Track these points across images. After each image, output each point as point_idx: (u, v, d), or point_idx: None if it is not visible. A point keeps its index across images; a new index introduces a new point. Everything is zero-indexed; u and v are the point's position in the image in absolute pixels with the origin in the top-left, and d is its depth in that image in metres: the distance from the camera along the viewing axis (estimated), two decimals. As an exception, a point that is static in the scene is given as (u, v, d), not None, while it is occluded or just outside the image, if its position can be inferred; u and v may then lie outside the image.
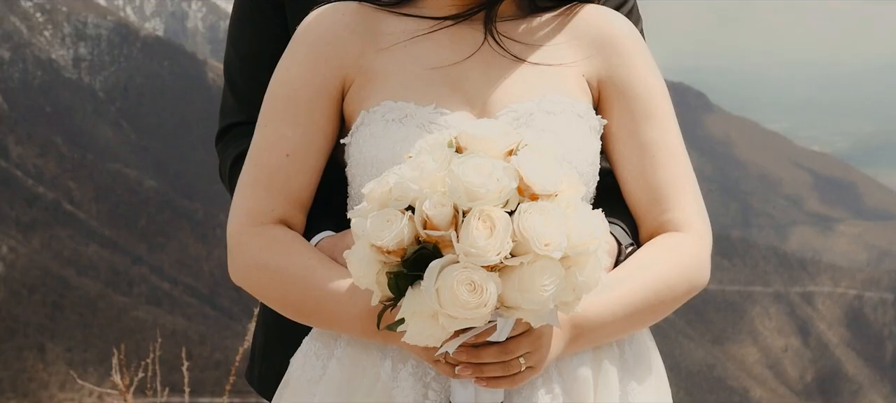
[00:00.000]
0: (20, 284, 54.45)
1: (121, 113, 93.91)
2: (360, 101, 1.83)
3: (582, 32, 1.89)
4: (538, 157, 1.59)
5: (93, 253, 61.37)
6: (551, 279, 1.55)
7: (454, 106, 1.81)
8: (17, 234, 59.32)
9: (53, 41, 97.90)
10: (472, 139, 1.61)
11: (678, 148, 1.88)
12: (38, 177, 67.23)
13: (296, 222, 1.85)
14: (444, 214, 1.55)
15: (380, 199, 1.60)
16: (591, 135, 1.84)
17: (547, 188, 1.57)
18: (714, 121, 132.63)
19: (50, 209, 63.44)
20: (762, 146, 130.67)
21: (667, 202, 1.85)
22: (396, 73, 1.83)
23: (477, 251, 1.53)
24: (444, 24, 1.86)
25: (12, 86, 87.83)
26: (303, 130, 1.83)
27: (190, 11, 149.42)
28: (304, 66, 1.85)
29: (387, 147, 1.78)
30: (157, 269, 62.95)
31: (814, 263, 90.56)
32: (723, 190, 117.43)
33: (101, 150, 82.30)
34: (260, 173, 1.83)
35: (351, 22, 1.87)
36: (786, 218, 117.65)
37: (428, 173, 1.57)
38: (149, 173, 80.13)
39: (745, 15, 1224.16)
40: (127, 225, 67.32)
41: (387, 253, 1.56)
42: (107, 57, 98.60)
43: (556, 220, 1.55)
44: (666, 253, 1.82)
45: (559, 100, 1.82)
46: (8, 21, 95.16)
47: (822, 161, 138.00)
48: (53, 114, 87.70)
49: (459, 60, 1.84)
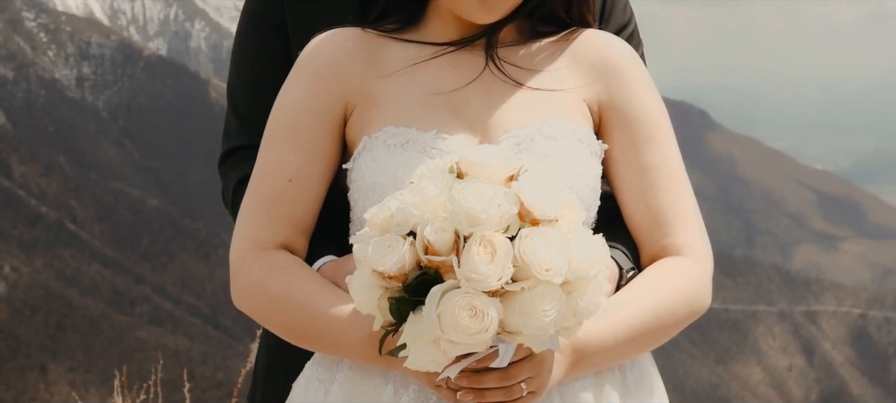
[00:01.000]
0: (22, 304, 54.44)
1: (124, 132, 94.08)
2: (362, 127, 1.84)
3: (582, 57, 1.90)
4: (539, 183, 1.60)
5: (95, 273, 61.38)
6: (552, 304, 1.55)
7: (455, 131, 1.82)
8: (20, 254, 59.35)
9: (57, 61, 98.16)
10: (473, 164, 1.61)
11: (679, 172, 1.89)
12: (40, 197, 67.30)
13: (298, 247, 1.85)
14: (445, 240, 1.55)
15: (381, 225, 1.60)
16: (591, 160, 1.85)
17: (547, 213, 1.58)
18: (716, 139, 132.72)
19: (52, 228, 63.49)
20: (765, 164, 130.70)
21: (668, 226, 1.85)
22: (398, 99, 1.84)
23: (478, 276, 1.53)
24: (445, 51, 1.87)
25: (16, 105, 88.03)
26: (305, 156, 1.84)
27: (193, 31, 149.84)
28: (306, 92, 1.86)
29: (389, 172, 1.78)
30: (159, 289, 62.94)
31: (817, 282, 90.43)
32: (726, 208, 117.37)
33: (103, 170, 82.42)
34: (262, 198, 1.84)
35: (353, 48, 1.88)
36: (789, 237, 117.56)
37: (429, 198, 1.58)
38: (152, 192, 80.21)
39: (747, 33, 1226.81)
40: (129, 244, 67.36)
41: (388, 278, 1.57)
42: (110, 76, 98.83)
43: (557, 245, 1.55)
44: (667, 277, 1.82)
45: (560, 124, 1.83)
46: (12, 41, 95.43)
47: (825, 179, 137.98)
48: (56, 133, 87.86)
49: (461, 86, 1.85)
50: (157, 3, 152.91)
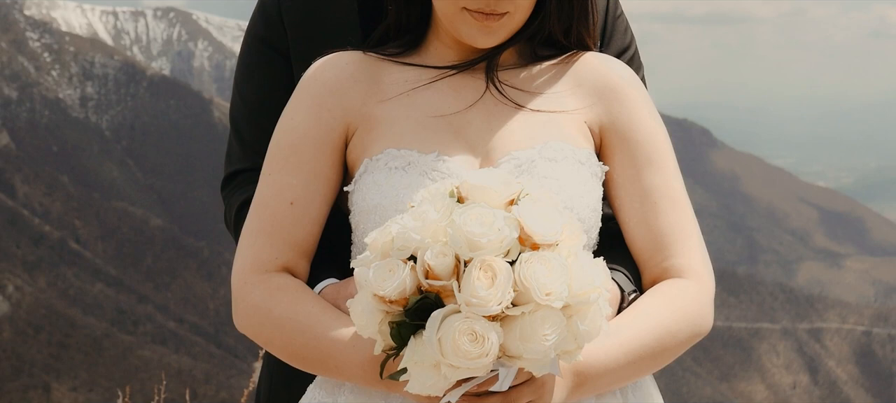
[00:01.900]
0: (26, 323, 54.41)
1: (127, 152, 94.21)
2: (363, 149, 1.85)
3: (583, 79, 1.91)
4: (539, 207, 1.60)
5: (98, 292, 61.37)
6: (553, 328, 1.55)
7: (456, 153, 1.82)
8: (23, 273, 59.35)
9: (61, 81, 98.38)
10: (473, 189, 1.62)
11: (680, 194, 1.89)
12: (44, 216, 67.35)
13: (300, 270, 1.86)
14: (445, 264, 1.55)
15: (382, 249, 1.60)
16: (592, 182, 1.85)
17: (548, 237, 1.58)
18: (719, 157, 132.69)
19: (56, 248, 63.51)
20: (767, 182, 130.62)
21: (669, 248, 1.85)
22: (399, 121, 1.85)
23: (478, 301, 1.53)
24: (446, 74, 1.88)
25: (19, 125, 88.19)
26: (307, 179, 1.85)
27: (196, 51, 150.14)
28: (307, 115, 1.87)
29: (390, 194, 1.79)
30: (162, 308, 62.90)
31: (821, 299, 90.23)
32: (728, 226, 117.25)
33: (107, 189, 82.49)
34: (264, 221, 1.85)
35: (354, 71, 1.89)
36: (792, 254, 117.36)
37: (430, 223, 1.58)
38: (155, 211, 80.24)
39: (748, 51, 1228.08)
40: (133, 263, 67.35)
41: (389, 302, 1.57)
42: (113, 96, 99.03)
43: (558, 270, 1.55)
44: (669, 299, 1.82)
45: (561, 146, 1.84)
46: (16, 61, 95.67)
47: (828, 196, 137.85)
48: (60, 153, 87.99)
49: (462, 109, 1.86)
50: (160, 23, 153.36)
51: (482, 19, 1.81)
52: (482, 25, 1.82)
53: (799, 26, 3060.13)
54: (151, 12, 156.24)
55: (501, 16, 1.81)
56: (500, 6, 1.80)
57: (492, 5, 1.80)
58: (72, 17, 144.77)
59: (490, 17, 1.81)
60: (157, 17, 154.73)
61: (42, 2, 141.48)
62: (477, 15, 1.81)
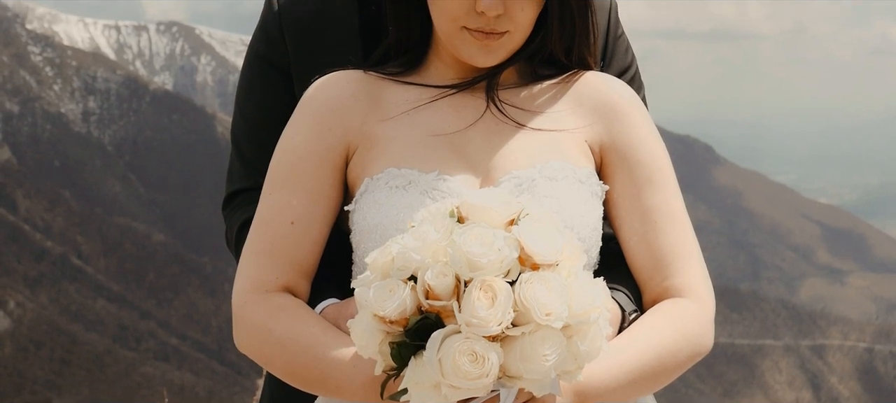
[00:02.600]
0: (27, 339, 54.40)
1: (129, 167, 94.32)
2: (363, 168, 1.85)
3: (584, 98, 1.91)
4: (539, 227, 1.60)
5: (100, 308, 61.36)
6: (553, 348, 1.55)
7: (457, 172, 1.83)
8: (25, 289, 59.36)
9: (63, 95, 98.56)
10: (473, 208, 1.62)
11: (681, 213, 1.89)
12: (46, 232, 67.38)
13: (300, 289, 1.86)
14: (445, 284, 1.55)
15: (382, 269, 1.61)
16: (593, 201, 1.85)
17: (548, 258, 1.58)
18: (721, 173, 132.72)
19: (58, 263, 63.53)
20: (770, 198, 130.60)
21: (670, 268, 1.85)
22: (399, 140, 1.85)
23: (478, 321, 1.53)
24: (446, 93, 1.89)
25: (21, 139, 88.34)
26: (307, 198, 1.85)
27: (199, 65, 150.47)
28: (308, 134, 1.87)
29: (390, 213, 1.79)
30: (164, 324, 62.88)
31: (823, 316, 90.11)
32: (731, 242, 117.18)
33: (109, 204, 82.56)
34: (265, 241, 1.85)
35: (355, 90, 1.89)
36: (795, 271, 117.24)
37: (430, 243, 1.58)
38: (157, 227, 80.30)
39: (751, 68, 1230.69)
40: (135, 279, 67.35)
41: (390, 322, 1.57)
42: (116, 111, 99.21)
43: (558, 290, 1.55)
44: (669, 319, 1.82)
45: (561, 166, 1.84)
46: (18, 75, 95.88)
47: (831, 213, 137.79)
48: (62, 167, 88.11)
49: (462, 128, 1.87)
50: (163, 38, 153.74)
51: (482, 38, 1.82)
52: (482, 45, 1.82)
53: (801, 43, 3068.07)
54: (154, 27, 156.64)
55: (501, 35, 1.82)
56: (500, 25, 1.81)
57: (491, 24, 1.80)
58: (74, 31, 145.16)
59: (490, 36, 1.82)
60: (159, 31, 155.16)
61: (44, 16, 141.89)
62: (477, 34, 1.81)
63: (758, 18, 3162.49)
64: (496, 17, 1.80)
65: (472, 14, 1.80)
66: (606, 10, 2.16)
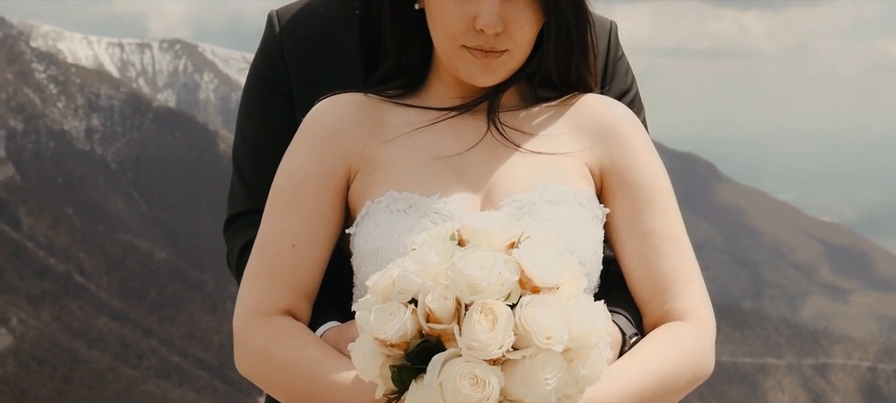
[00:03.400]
0: (29, 357, 54.36)
1: (132, 184, 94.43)
2: (364, 191, 1.85)
3: (584, 121, 1.91)
4: (540, 250, 1.60)
5: (103, 326, 61.33)
6: (554, 372, 1.55)
7: (458, 196, 1.83)
8: (27, 306, 59.35)
9: (66, 112, 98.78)
10: (473, 232, 1.62)
11: (681, 236, 1.89)
12: (49, 249, 67.41)
13: (301, 312, 1.86)
14: (446, 307, 1.55)
15: (383, 292, 1.61)
16: (593, 224, 1.85)
17: (548, 281, 1.58)
18: (723, 191, 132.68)
19: (60, 280, 63.52)
20: (772, 216, 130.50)
21: (670, 291, 1.85)
22: (400, 163, 1.85)
23: (479, 344, 1.53)
24: (447, 116, 1.89)
25: (25, 157, 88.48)
26: (308, 221, 1.85)
27: (202, 83, 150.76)
28: (309, 157, 1.88)
29: (391, 237, 1.79)
30: (166, 342, 62.82)
31: (826, 334, 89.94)
32: (733, 260, 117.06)
33: (112, 221, 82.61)
34: (266, 264, 1.85)
35: (356, 113, 1.90)
36: (797, 289, 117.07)
37: (430, 266, 1.58)
38: (160, 244, 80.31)
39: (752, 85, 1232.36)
40: (137, 296, 67.33)
41: (390, 346, 1.57)
42: (119, 128, 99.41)
43: (558, 313, 1.55)
44: (670, 342, 1.82)
45: (561, 189, 1.84)
46: (22, 93, 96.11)
47: (833, 231, 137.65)
48: (65, 185, 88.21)
49: (463, 150, 1.87)
50: (166, 55, 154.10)
51: (481, 57, 1.82)
52: (482, 63, 1.83)
53: (802, 61, 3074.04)
54: (157, 44, 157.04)
55: (501, 54, 1.83)
56: (500, 43, 1.81)
57: (491, 42, 1.81)
58: (78, 49, 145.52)
59: (489, 54, 1.82)
60: (162, 49, 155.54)
61: (49, 33, 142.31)
62: (476, 52, 1.82)
63: (759, 36, 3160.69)
64: (495, 35, 1.81)
65: (472, 32, 1.81)
66: (606, 32, 2.16)
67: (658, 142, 2.02)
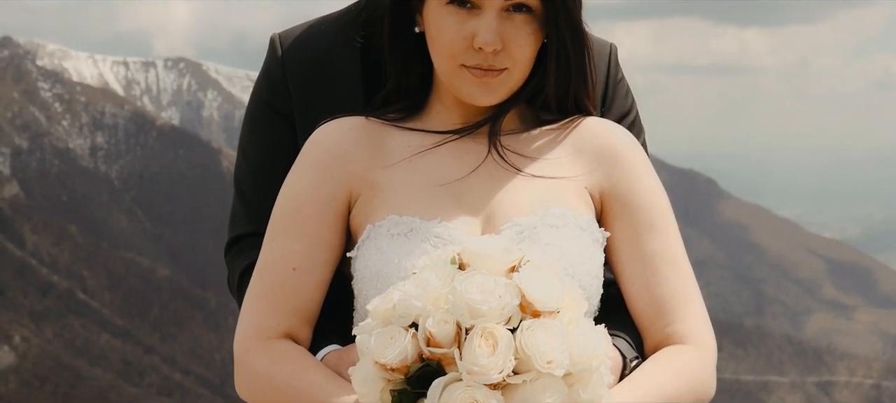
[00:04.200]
0: (31, 374, 54.27)
1: (136, 201, 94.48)
2: (366, 215, 1.86)
3: (584, 145, 1.92)
4: (540, 274, 1.60)
5: (105, 343, 61.26)
6: (554, 396, 1.55)
7: (459, 220, 1.83)
8: (30, 324, 59.31)
9: (71, 130, 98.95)
10: (474, 256, 1.62)
11: (681, 259, 1.89)
12: (52, 266, 67.41)
13: (302, 336, 1.86)
14: (446, 331, 1.55)
15: (384, 316, 1.61)
16: (594, 248, 1.85)
17: (549, 305, 1.58)
18: (725, 207, 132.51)
19: (63, 298, 63.49)
20: (774, 233, 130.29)
21: (671, 314, 1.85)
22: (402, 187, 1.86)
23: (479, 369, 1.53)
24: (449, 139, 1.89)
25: (29, 175, 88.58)
26: (309, 244, 1.86)
27: (205, 101, 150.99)
28: (311, 181, 1.88)
29: (392, 261, 1.79)
30: (168, 359, 62.73)
31: (830, 352, 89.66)
32: (735, 277, 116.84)
33: (115, 239, 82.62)
34: (267, 287, 1.85)
35: (357, 137, 1.90)
36: (800, 306, 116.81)
37: (431, 290, 1.58)
38: (162, 261, 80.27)
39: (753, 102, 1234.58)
40: (140, 314, 67.28)
41: (391, 370, 1.57)
42: (123, 146, 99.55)
43: (559, 337, 1.55)
44: (671, 366, 1.82)
45: (562, 213, 1.84)
46: (27, 111, 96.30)
47: (836, 248, 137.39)
48: (69, 202, 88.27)
49: (464, 174, 1.87)
50: (170, 74, 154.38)
51: (481, 76, 1.83)
52: (481, 82, 1.83)
53: (803, 77, 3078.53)
54: (162, 63, 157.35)
55: (500, 72, 1.83)
56: (499, 62, 1.82)
57: (490, 61, 1.82)
58: (83, 68, 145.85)
59: (488, 73, 1.83)
60: (167, 67, 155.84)
61: (54, 52, 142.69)
62: (475, 71, 1.83)
63: (760, 53, 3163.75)
64: (494, 54, 1.81)
65: (471, 51, 1.82)
66: (606, 54, 2.17)
67: (660, 158, 2.02)
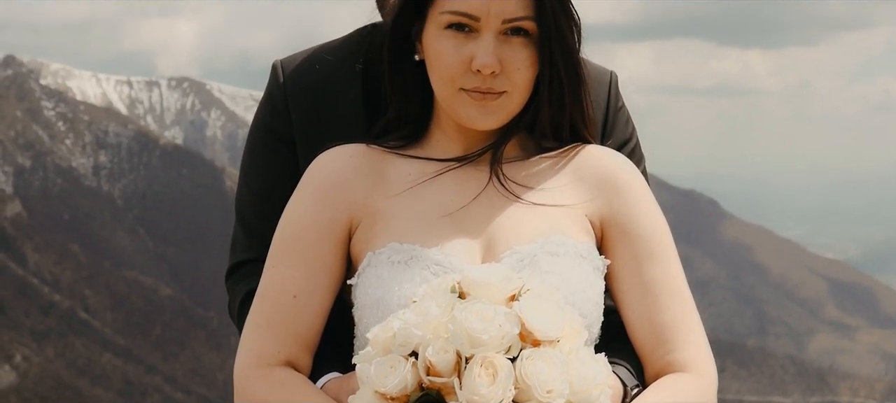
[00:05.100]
0: (33, 394, 54.15)
1: (138, 220, 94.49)
2: (366, 242, 1.86)
3: (585, 173, 1.92)
4: (540, 303, 1.61)
5: (107, 363, 61.16)
6: (554, 426, 1.54)
7: (459, 248, 1.83)
8: (32, 343, 59.22)
9: (74, 149, 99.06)
10: (474, 285, 1.63)
11: (682, 287, 1.89)
12: (54, 285, 67.35)
13: (302, 363, 1.86)
14: (446, 361, 1.55)
15: (384, 344, 1.61)
16: (594, 276, 1.86)
17: (549, 334, 1.58)
18: (727, 228, 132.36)
19: (65, 317, 63.42)
20: (776, 253, 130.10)
21: (671, 342, 1.85)
22: (402, 215, 1.86)
23: (479, 398, 1.53)
24: (450, 167, 1.90)
25: (32, 194, 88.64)
26: (310, 272, 1.86)
27: (209, 120, 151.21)
28: (311, 208, 1.89)
29: (393, 288, 1.80)
30: (170, 379, 62.59)
31: (832, 372, 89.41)
32: (738, 297, 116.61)
33: (117, 258, 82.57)
34: (267, 314, 1.86)
35: (359, 164, 1.91)
36: (803, 327, 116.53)
37: (431, 319, 1.58)
38: (165, 281, 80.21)
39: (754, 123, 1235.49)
40: (142, 333, 67.19)
41: (391, 399, 1.57)
42: (126, 165, 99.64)
43: (559, 367, 1.55)
44: (671, 394, 1.82)
45: (562, 241, 1.84)
46: (30, 130, 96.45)
47: (838, 268, 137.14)
48: (72, 221, 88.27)
49: (465, 202, 1.88)
50: (174, 93, 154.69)
51: (480, 99, 1.84)
52: (480, 105, 1.84)
53: (804, 99, 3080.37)
54: (165, 82, 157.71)
55: (499, 95, 1.84)
56: (498, 84, 1.83)
57: (488, 83, 1.83)
58: (87, 87, 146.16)
59: (487, 95, 1.83)
60: (171, 86, 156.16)
61: (58, 71, 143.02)
62: (474, 94, 1.83)
63: (761, 74, 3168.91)
64: (493, 76, 1.82)
65: (469, 74, 1.83)
66: (606, 83, 2.17)
67: (662, 179, 2.02)
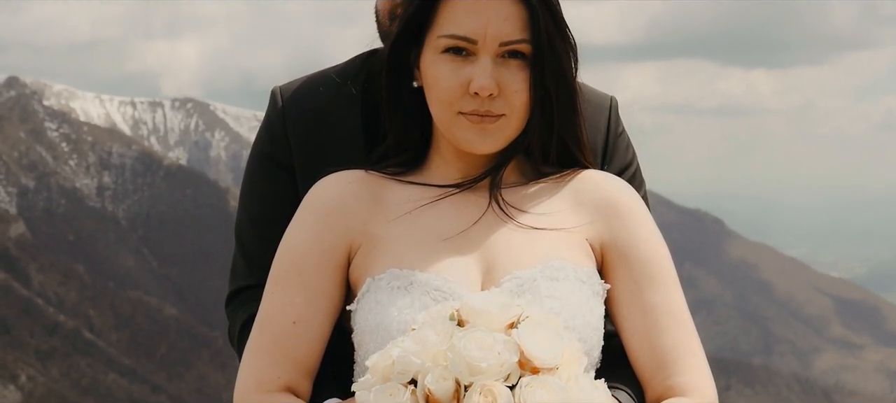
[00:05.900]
0: (37, 414, 54.01)
1: (143, 241, 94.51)
2: (366, 268, 1.86)
3: (585, 197, 1.92)
4: (539, 330, 1.60)
5: (112, 383, 61.07)
6: (553, 453, 1.53)
7: (458, 273, 1.83)
8: (36, 363, 59.17)
9: (78, 170, 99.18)
10: (473, 312, 1.63)
11: (682, 311, 1.89)
12: (58, 305, 67.34)
13: (302, 389, 1.86)
14: (445, 388, 1.55)
15: (383, 372, 1.61)
16: (594, 300, 1.85)
17: (548, 362, 1.57)
18: (733, 247, 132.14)
19: (69, 337, 63.38)
20: (781, 272, 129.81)
21: (672, 366, 1.84)
22: (402, 240, 1.86)
23: (479, 426, 1.52)
24: (449, 193, 1.90)
25: (36, 214, 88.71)
26: (309, 297, 1.86)
27: (213, 140, 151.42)
28: (310, 234, 1.89)
29: (392, 314, 1.79)
30: (176, 399, 62.49)
31: (838, 390, 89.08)
32: (743, 316, 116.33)
33: (122, 278, 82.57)
34: (267, 340, 1.86)
35: (358, 190, 1.91)
36: (808, 345, 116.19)
37: (430, 346, 1.58)
38: (169, 301, 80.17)
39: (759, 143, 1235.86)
40: (147, 353, 67.12)
41: (390, 427, 1.57)
42: (130, 185, 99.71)
43: (558, 394, 1.55)
44: None
45: (562, 266, 1.84)
46: (34, 151, 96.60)
47: (843, 286, 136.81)
48: (76, 242, 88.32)
49: (464, 227, 1.87)
50: (178, 114, 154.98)
51: (478, 122, 1.84)
52: (479, 128, 1.84)
53: (809, 118, 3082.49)
54: (169, 103, 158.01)
55: (497, 118, 1.84)
56: (495, 107, 1.83)
57: (486, 106, 1.83)
58: (90, 108, 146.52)
59: (485, 118, 1.84)
60: (174, 107, 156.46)
61: (61, 92, 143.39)
62: (473, 117, 1.83)
63: (766, 94, 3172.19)
64: (491, 99, 1.82)
65: (467, 97, 1.83)
66: (606, 108, 2.17)
67: (667, 198, 2.02)
